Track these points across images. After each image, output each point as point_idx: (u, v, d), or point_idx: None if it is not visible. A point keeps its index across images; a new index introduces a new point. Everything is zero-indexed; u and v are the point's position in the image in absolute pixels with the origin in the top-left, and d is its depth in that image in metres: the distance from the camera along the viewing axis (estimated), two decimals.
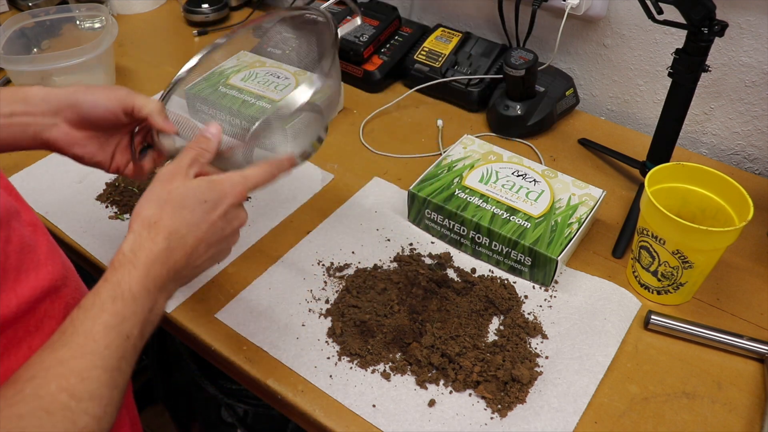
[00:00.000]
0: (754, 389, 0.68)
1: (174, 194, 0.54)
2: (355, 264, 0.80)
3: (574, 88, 1.06)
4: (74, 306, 0.50)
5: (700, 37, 0.76)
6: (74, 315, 0.47)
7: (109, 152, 0.67)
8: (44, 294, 0.51)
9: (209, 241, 0.55)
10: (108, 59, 1.07)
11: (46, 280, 0.51)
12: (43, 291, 0.50)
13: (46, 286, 0.50)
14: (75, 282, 0.57)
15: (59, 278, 0.53)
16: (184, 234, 0.53)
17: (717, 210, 0.75)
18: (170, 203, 0.54)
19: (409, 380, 0.67)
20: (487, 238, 0.79)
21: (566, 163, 0.98)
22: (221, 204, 0.56)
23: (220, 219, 0.56)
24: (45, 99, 0.62)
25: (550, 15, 1.10)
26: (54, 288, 0.52)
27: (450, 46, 1.12)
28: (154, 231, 0.52)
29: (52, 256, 0.53)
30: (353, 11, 0.76)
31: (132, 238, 0.52)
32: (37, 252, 0.51)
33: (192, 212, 0.54)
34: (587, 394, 0.66)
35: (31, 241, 0.50)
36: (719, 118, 1.00)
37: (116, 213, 0.87)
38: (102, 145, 0.66)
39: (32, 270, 0.49)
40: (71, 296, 0.55)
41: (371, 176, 0.94)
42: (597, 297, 0.76)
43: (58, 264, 0.53)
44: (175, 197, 0.54)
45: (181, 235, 0.53)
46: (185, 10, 1.33)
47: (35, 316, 0.50)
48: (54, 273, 0.52)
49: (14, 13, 1.33)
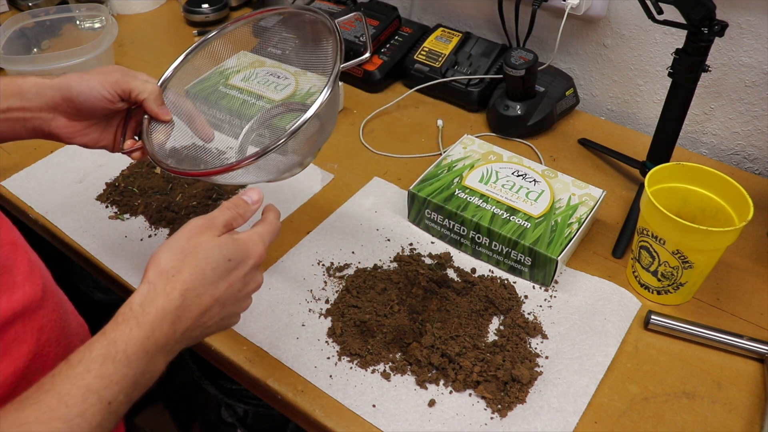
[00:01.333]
0: (754, 389, 0.68)
1: (200, 248, 0.50)
2: (355, 264, 0.80)
3: (574, 88, 1.06)
4: (49, 330, 0.48)
5: (700, 37, 0.76)
6: (57, 369, 0.44)
7: (112, 134, 0.66)
8: (15, 316, 0.47)
9: (225, 302, 0.52)
10: (108, 59, 1.07)
11: (20, 302, 0.48)
12: (15, 313, 0.47)
13: (18, 309, 0.47)
14: (54, 303, 0.54)
15: (35, 300, 0.50)
16: (201, 293, 0.49)
17: (717, 210, 0.75)
18: (194, 256, 0.50)
19: (409, 380, 0.67)
20: (487, 238, 0.79)
21: (566, 163, 0.98)
22: (243, 265, 0.53)
23: (240, 280, 0.53)
24: (39, 93, 0.60)
25: (550, 15, 1.10)
26: (28, 310, 0.49)
27: (450, 46, 1.12)
28: (171, 285, 0.48)
29: (30, 277, 0.50)
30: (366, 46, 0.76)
31: (145, 290, 0.48)
32: (13, 272, 0.48)
33: (214, 270, 0.50)
34: (587, 394, 0.66)
35: (7, 261, 0.48)
36: (719, 118, 1.00)
37: (116, 213, 0.87)
38: (104, 129, 0.65)
39: (5, 292, 0.46)
40: (47, 318, 0.52)
41: (371, 176, 0.94)
42: (597, 297, 0.76)
43: (37, 284, 0.51)
44: (200, 251, 0.50)
45: (198, 293, 0.49)
46: (185, 10, 1.33)
47: (3, 339, 0.47)
48: (30, 294, 0.49)
49: (14, 13, 1.33)
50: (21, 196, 0.89)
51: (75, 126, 0.63)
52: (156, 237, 0.83)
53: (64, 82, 0.61)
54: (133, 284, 0.77)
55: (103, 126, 0.65)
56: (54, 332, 0.53)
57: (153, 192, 0.89)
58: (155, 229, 0.85)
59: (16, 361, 0.46)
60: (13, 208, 0.91)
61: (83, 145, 0.64)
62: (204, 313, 0.50)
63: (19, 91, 0.60)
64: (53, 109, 0.61)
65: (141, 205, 0.88)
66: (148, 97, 0.63)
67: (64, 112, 0.62)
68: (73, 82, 0.61)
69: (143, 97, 0.63)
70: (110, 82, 0.62)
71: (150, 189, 0.90)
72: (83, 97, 0.61)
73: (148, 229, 0.85)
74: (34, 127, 0.61)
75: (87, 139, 0.64)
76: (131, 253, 0.81)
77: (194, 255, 0.50)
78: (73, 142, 0.64)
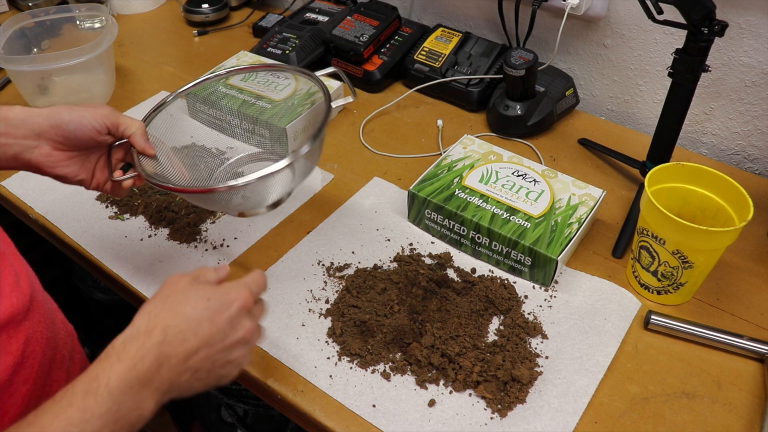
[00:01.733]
0: (754, 389, 0.68)
1: (177, 288, 0.52)
2: (355, 264, 0.80)
3: (574, 88, 1.06)
4: (35, 341, 0.48)
5: (700, 37, 0.76)
6: (42, 406, 0.44)
7: (90, 170, 0.67)
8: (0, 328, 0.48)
9: (213, 345, 0.51)
10: (108, 59, 1.07)
11: (5, 314, 0.48)
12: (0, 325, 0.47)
13: (2, 320, 0.48)
14: (40, 313, 0.54)
15: (21, 311, 0.50)
16: (183, 329, 0.50)
17: (717, 210, 0.75)
18: (172, 297, 0.51)
19: (409, 380, 0.67)
20: (487, 238, 0.79)
21: (566, 163, 0.98)
22: (227, 307, 0.52)
23: (225, 323, 0.52)
24: (26, 120, 0.61)
25: (550, 15, 1.10)
26: (13, 322, 0.49)
27: (450, 46, 1.12)
28: (152, 323, 0.49)
29: (17, 287, 0.50)
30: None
31: (128, 331, 0.49)
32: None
33: (194, 308, 0.51)
34: (587, 394, 0.66)
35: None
36: (719, 118, 1.00)
37: (116, 213, 0.87)
38: (83, 163, 0.66)
39: None
40: (33, 329, 0.52)
41: (371, 176, 0.94)
42: (597, 297, 0.76)
43: (24, 294, 0.51)
44: (177, 291, 0.52)
45: (180, 330, 0.49)
46: (185, 10, 1.33)
47: None
48: (16, 305, 0.49)
49: (14, 13, 1.34)
50: (21, 196, 0.89)
51: (57, 156, 0.64)
52: (156, 237, 0.84)
53: (54, 111, 0.63)
54: (133, 284, 0.78)
55: (83, 160, 0.66)
56: (40, 343, 0.53)
57: (153, 192, 0.89)
58: (155, 229, 0.85)
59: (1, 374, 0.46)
60: (13, 208, 0.91)
61: (62, 176, 0.65)
62: (190, 355, 0.50)
63: (4, 117, 0.61)
64: (39, 136, 0.62)
65: (141, 205, 0.88)
66: (135, 132, 0.66)
67: (51, 140, 0.63)
68: (64, 111, 0.63)
69: (131, 132, 0.66)
70: (100, 114, 0.64)
71: (150, 189, 0.90)
72: (73, 126, 0.63)
73: (148, 229, 0.85)
74: (14, 154, 0.62)
75: (67, 171, 0.65)
76: (131, 253, 0.81)
77: (173, 297, 0.51)
78: (52, 172, 0.64)
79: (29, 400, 0.50)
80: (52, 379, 0.55)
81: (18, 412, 0.49)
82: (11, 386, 0.49)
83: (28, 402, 0.50)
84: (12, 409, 0.49)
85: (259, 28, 1.30)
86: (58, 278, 1.33)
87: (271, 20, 1.30)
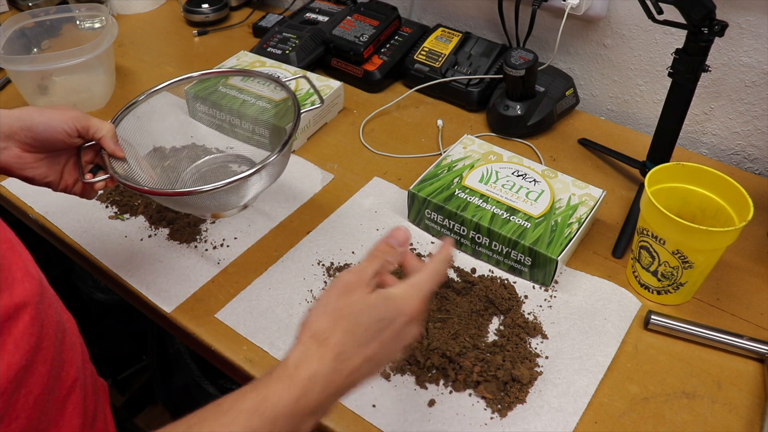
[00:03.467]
0: (754, 389, 0.68)
1: (351, 309, 0.51)
2: (355, 264, 0.80)
3: (574, 88, 1.06)
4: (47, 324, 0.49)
5: (700, 37, 0.76)
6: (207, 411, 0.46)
7: (59, 171, 0.68)
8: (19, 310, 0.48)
9: (376, 359, 0.51)
10: (108, 59, 1.07)
11: (21, 297, 0.48)
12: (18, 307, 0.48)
13: (20, 303, 0.48)
14: (49, 299, 0.54)
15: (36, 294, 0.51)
16: (352, 355, 0.49)
17: (717, 210, 0.75)
18: (345, 320, 0.50)
19: (409, 380, 0.67)
20: (487, 238, 0.79)
21: (566, 163, 0.98)
22: (395, 322, 0.51)
23: (392, 338, 0.51)
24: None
25: (550, 15, 1.10)
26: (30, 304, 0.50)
27: (450, 46, 1.12)
28: (324, 348, 0.48)
29: (28, 273, 0.50)
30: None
31: (300, 350, 0.49)
32: (11, 269, 0.49)
33: (365, 331, 0.50)
34: (587, 394, 0.66)
35: (5, 260, 0.48)
36: (719, 118, 1.00)
37: (116, 213, 0.87)
38: (52, 165, 0.67)
39: (5, 289, 0.47)
40: (45, 312, 0.52)
41: (371, 176, 0.94)
42: (597, 297, 0.76)
43: (35, 279, 0.51)
44: (350, 314, 0.50)
45: (349, 356, 0.49)
46: (185, 10, 1.33)
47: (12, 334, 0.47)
48: (29, 289, 0.50)
49: (14, 13, 1.34)
50: (21, 196, 0.89)
51: (26, 158, 0.64)
52: (156, 237, 0.84)
53: (24, 112, 0.63)
54: (133, 284, 0.77)
55: (52, 161, 0.67)
56: (51, 327, 0.53)
57: None
58: (155, 229, 0.85)
59: (27, 354, 0.47)
60: (13, 208, 0.91)
61: (29, 178, 0.66)
62: (353, 372, 0.50)
63: None
64: (8, 138, 0.62)
65: (141, 205, 0.88)
66: (106, 135, 0.67)
67: (20, 141, 0.63)
68: (35, 113, 0.63)
69: (101, 134, 0.67)
70: (70, 117, 0.65)
71: None
72: (43, 127, 0.63)
73: (148, 229, 0.85)
74: None
75: (36, 173, 0.65)
76: (131, 253, 0.81)
77: (346, 319, 0.50)
78: (21, 174, 0.65)
79: (47, 380, 0.51)
80: (63, 360, 0.55)
81: (39, 392, 0.50)
82: (32, 366, 0.50)
83: (47, 382, 0.51)
84: (35, 389, 0.49)
85: (259, 28, 1.30)
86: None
87: (271, 20, 1.30)
